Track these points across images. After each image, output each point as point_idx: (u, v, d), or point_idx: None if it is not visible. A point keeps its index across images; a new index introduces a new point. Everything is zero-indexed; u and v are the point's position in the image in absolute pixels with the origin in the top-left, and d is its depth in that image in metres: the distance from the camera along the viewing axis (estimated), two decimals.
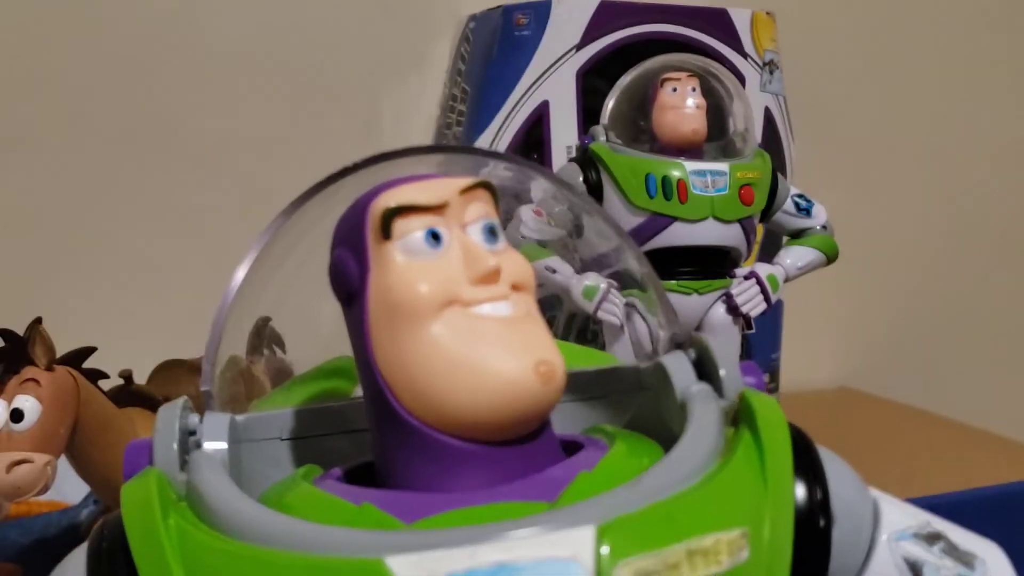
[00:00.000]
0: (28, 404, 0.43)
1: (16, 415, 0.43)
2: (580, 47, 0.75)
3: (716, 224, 0.59)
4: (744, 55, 0.78)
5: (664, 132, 0.60)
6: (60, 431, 0.44)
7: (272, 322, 0.34)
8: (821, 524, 0.23)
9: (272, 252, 0.29)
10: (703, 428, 0.24)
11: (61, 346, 0.46)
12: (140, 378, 0.52)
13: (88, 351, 0.48)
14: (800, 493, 0.23)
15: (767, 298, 0.60)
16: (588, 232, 0.44)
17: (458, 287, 0.24)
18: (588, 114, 0.73)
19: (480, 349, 0.24)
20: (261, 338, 0.33)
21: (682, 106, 0.59)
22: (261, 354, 0.34)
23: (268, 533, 0.22)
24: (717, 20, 0.78)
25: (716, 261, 0.61)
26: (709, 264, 0.60)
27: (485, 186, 0.26)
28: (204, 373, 0.28)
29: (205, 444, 0.26)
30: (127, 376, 0.51)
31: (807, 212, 0.63)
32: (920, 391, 0.97)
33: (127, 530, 0.23)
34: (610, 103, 0.63)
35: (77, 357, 0.47)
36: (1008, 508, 0.63)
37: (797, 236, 0.63)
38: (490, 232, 0.25)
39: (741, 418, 0.25)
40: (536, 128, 0.75)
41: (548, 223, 0.56)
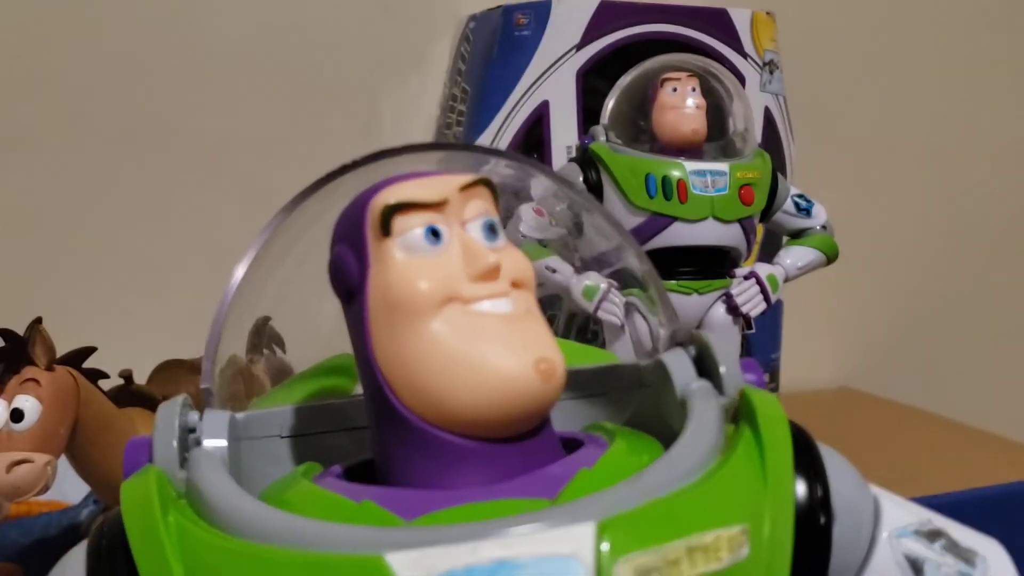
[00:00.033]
0: (28, 404, 0.43)
1: (16, 415, 0.43)
2: (580, 47, 0.75)
3: (716, 224, 0.59)
4: (744, 55, 0.78)
5: (664, 132, 0.60)
6: (60, 431, 0.44)
7: (272, 321, 0.34)
8: (822, 521, 0.23)
9: (272, 249, 0.29)
10: (703, 425, 0.24)
11: (61, 346, 0.46)
12: (140, 378, 0.52)
13: (88, 351, 0.48)
14: (800, 490, 0.23)
15: (767, 298, 0.60)
16: (588, 230, 0.43)
17: (458, 284, 0.24)
18: (588, 114, 0.73)
19: (480, 346, 0.23)
20: (261, 338, 0.33)
21: (682, 106, 0.59)
22: (261, 354, 0.34)
23: (268, 530, 0.21)
24: (717, 20, 0.78)
25: (716, 261, 0.61)
26: (709, 264, 0.60)
27: (485, 183, 0.26)
28: (204, 371, 0.28)
29: (205, 441, 0.26)
30: (127, 376, 0.51)
31: (807, 212, 0.63)
32: (920, 391, 0.97)
33: (127, 527, 0.23)
34: (610, 103, 0.63)
35: (77, 357, 0.47)
36: (1008, 508, 0.63)
37: (797, 236, 0.63)
38: (490, 229, 0.25)
39: (741, 415, 0.25)
40: (536, 128, 0.75)
41: (550, 222, 0.56)
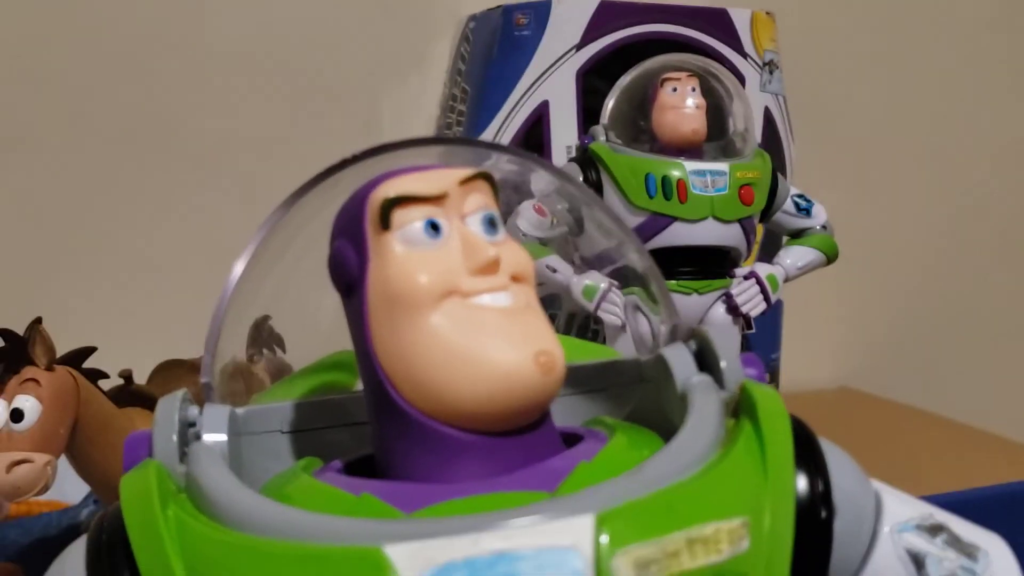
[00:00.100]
0: (28, 404, 0.43)
1: (16, 415, 0.43)
2: (580, 47, 0.75)
3: (716, 224, 0.59)
4: (744, 55, 0.78)
5: (664, 132, 0.60)
6: (60, 431, 0.44)
7: (272, 319, 0.34)
8: (823, 515, 0.23)
9: (272, 244, 0.28)
10: (704, 419, 0.24)
11: (61, 346, 0.46)
12: (140, 378, 0.52)
13: (88, 351, 0.48)
14: (801, 484, 0.23)
15: (767, 298, 0.61)
16: (589, 227, 0.43)
17: (457, 278, 0.24)
18: (588, 114, 0.73)
19: (480, 339, 0.23)
20: (261, 336, 0.33)
21: (682, 106, 0.59)
22: (261, 354, 0.34)
23: (267, 523, 0.21)
24: (717, 20, 0.78)
25: (716, 261, 0.61)
26: (709, 264, 0.60)
27: (484, 177, 0.26)
28: (204, 365, 0.28)
29: (205, 436, 0.26)
30: (127, 376, 0.51)
31: (807, 212, 0.63)
32: (920, 391, 0.97)
33: (126, 521, 0.23)
34: (610, 103, 0.63)
35: (77, 357, 0.47)
36: (1008, 508, 0.62)
37: (797, 236, 0.63)
38: (490, 223, 0.25)
39: (742, 409, 0.25)
40: (536, 128, 0.75)
41: (552, 221, 0.56)
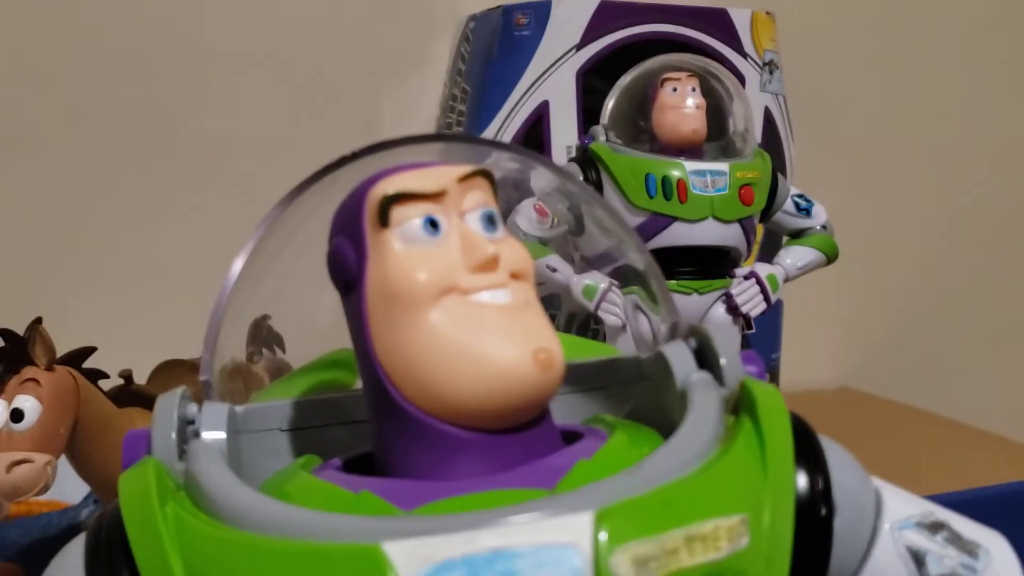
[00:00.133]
0: (28, 404, 0.43)
1: (16, 415, 0.43)
2: (580, 47, 0.75)
3: (716, 224, 0.59)
4: (744, 55, 0.78)
5: (664, 132, 0.60)
6: (60, 431, 0.44)
7: (271, 318, 0.34)
8: (823, 512, 0.23)
9: (271, 242, 0.28)
10: (703, 416, 0.24)
11: (61, 346, 0.46)
12: (140, 378, 0.52)
13: (88, 351, 0.48)
14: (801, 481, 0.23)
15: (767, 298, 0.61)
16: (589, 225, 0.43)
17: (456, 275, 0.24)
18: (588, 114, 0.73)
19: (479, 337, 0.23)
20: (260, 336, 0.33)
21: (682, 106, 0.59)
22: (260, 353, 0.34)
23: (265, 521, 0.21)
24: (717, 20, 0.78)
25: (716, 261, 0.61)
26: (709, 264, 0.60)
27: (483, 174, 0.26)
28: (203, 362, 0.27)
29: (204, 434, 0.26)
30: (127, 376, 0.51)
31: (807, 212, 0.63)
32: (920, 391, 0.97)
33: (125, 519, 0.23)
34: (610, 103, 0.63)
35: (77, 357, 0.47)
36: (1008, 508, 0.62)
37: (797, 236, 0.63)
38: (489, 220, 0.25)
39: (742, 406, 0.24)
40: (536, 128, 0.75)
41: (553, 221, 0.56)
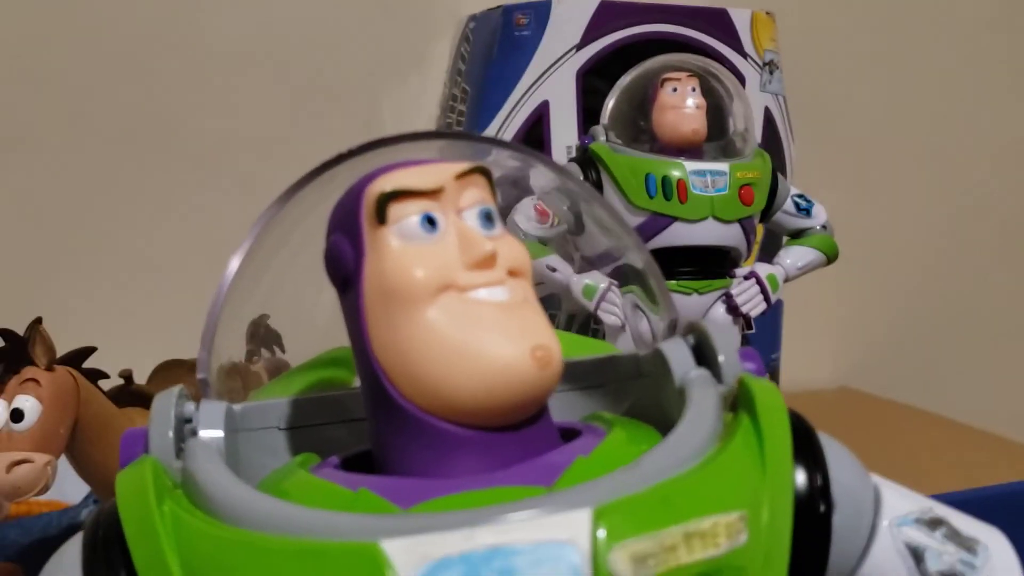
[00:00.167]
0: (28, 404, 0.43)
1: (16, 415, 0.43)
2: (580, 47, 0.75)
3: (716, 224, 0.59)
4: (744, 55, 0.78)
5: (664, 132, 0.60)
6: (60, 431, 0.44)
7: (270, 317, 0.34)
8: (821, 509, 0.23)
9: (269, 239, 0.28)
10: (701, 413, 0.24)
11: (61, 346, 0.46)
12: (140, 378, 0.52)
13: (88, 351, 0.48)
14: (800, 478, 0.23)
15: (767, 298, 0.61)
16: (589, 224, 0.43)
17: (454, 272, 0.24)
18: (588, 114, 0.73)
19: (476, 334, 0.23)
20: (259, 337, 0.33)
21: (682, 106, 0.59)
22: (259, 354, 0.34)
23: (262, 518, 0.21)
24: (717, 20, 0.78)
25: (716, 261, 0.61)
26: (709, 264, 0.60)
27: (481, 171, 0.25)
28: (200, 361, 0.27)
29: (201, 432, 0.26)
30: (127, 376, 0.51)
31: (807, 212, 0.63)
32: (920, 391, 0.97)
33: (122, 517, 0.23)
34: (610, 103, 0.63)
35: (77, 357, 0.47)
36: (1008, 508, 0.62)
37: (797, 236, 0.63)
38: (486, 217, 0.25)
39: (740, 403, 0.24)
40: (536, 128, 0.75)
41: (553, 221, 0.56)
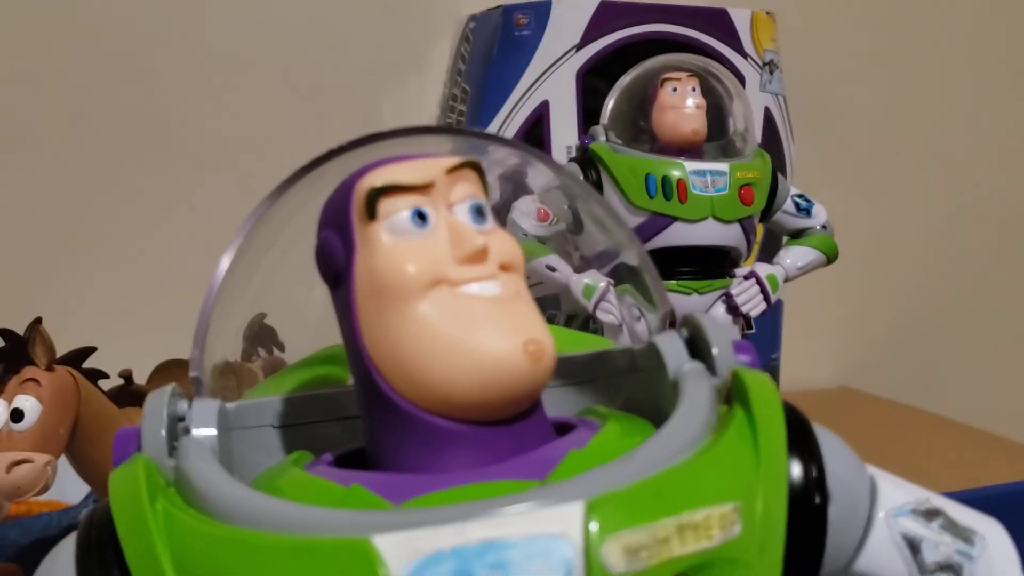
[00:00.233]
0: (28, 404, 0.43)
1: (16, 415, 0.43)
2: (580, 47, 0.75)
3: (716, 224, 0.59)
4: (744, 55, 0.78)
5: (664, 132, 0.60)
6: (60, 431, 0.44)
7: (267, 317, 0.34)
8: (817, 501, 0.23)
9: (259, 237, 0.28)
10: (695, 405, 0.24)
11: (61, 346, 0.46)
12: (140, 378, 0.52)
13: (88, 351, 0.48)
14: (795, 470, 0.23)
15: (767, 298, 0.60)
16: (587, 223, 0.43)
17: (445, 267, 0.24)
18: (588, 114, 0.73)
19: (468, 328, 0.23)
20: (256, 336, 0.33)
21: (682, 106, 0.59)
22: (256, 353, 0.34)
23: (255, 515, 0.21)
24: (717, 20, 0.78)
25: (716, 261, 0.61)
26: (709, 264, 0.60)
27: (472, 165, 0.25)
28: (192, 359, 0.27)
29: (194, 430, 0.26)
30: (127, 376, 0.51)
31: (807, 212, 0.63)
32: (920, 391, 0.97)
33: (115, 516, 0.23)
34: (610, 103, 0.63)
35: (77, 357, 0.47)
36: (1008, 508, 0.62)
37: (797, 236, 0.63)
38: (477, 212, 0.25)
39: (734, 395, 0.24)
40: (536, 128, 0.75)
41: (553, 220, 0.56)
